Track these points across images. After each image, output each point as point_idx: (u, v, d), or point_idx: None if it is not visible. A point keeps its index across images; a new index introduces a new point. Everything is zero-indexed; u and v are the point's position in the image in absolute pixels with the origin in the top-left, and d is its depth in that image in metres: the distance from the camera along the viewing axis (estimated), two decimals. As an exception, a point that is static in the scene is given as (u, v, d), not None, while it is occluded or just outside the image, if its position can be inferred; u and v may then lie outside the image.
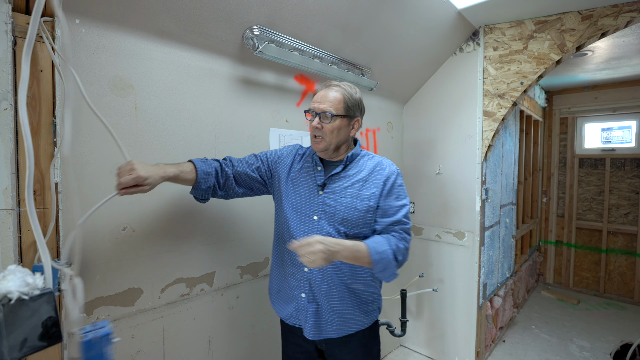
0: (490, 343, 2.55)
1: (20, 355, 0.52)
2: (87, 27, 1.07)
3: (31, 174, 0.57)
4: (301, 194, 1.20)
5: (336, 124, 1.14)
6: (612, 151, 3.63)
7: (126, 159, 0.98)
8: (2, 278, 0.52)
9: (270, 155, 1.31)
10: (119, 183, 0.95)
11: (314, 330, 1.17)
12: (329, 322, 1.17)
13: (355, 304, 1.19)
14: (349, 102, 1.16)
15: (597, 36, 1.82)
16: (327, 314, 1.17)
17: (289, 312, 1.21)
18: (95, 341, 0.81)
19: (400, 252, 1.12)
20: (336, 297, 1.16)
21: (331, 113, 1.13)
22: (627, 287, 3.58)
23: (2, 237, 0.93)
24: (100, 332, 0.83)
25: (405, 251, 1.14)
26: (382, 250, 1.08)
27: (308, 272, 1.17)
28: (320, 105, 1.14)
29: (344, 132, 1.18)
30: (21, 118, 0.55)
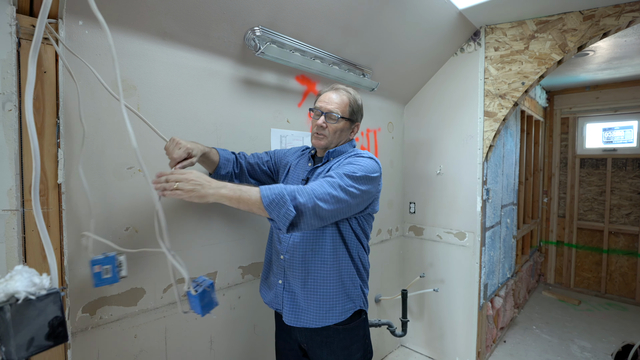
0: (491, 343, 2.56)
1: (27, 354, 0.52)
2: (91, 28, 1.08)
3: (37, 175, 0.58)
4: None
5: (340, 125, 1.23)
6: (614, 151, 3.63)
7: (165, 140, 1.03)
8: (9, 278, 0.53)
9: (278, 153, 1.43)
10: (172, 158, 1.03)
11: (291, 316, 1.21)
12: (306, 310, 1.19)
13: (331, 293, 1.19)
14: (354, 106, 1.25)
15: (599, 36, 1.82)
16: (303, 301, 1.20)
17: (270, 298, 1.30)
18: (207, 290, 1.00)
19: (301, 193, 0.97)
20: (309, 284, 1.19)
21: (338, 114, 1.21)
22: (628, 288, 3.57)
23: (7, 238, 0.94)
24: (206, 283, 1.01)
25: (311, 195, 0.98)
26: (275, 187, 0.97)
27: (282, 260, 1.24)
28: (328, 106, 1.22)
29: (345, 134, 1.27)
30: (28, 120, 0.55)
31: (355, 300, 1.23)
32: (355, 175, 1.08)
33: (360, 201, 1.11)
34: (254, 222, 1.56)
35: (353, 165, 1.12)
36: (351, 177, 1.07)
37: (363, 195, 1.11)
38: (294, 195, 0.97)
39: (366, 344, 1.28)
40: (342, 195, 1.04)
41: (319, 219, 1.01)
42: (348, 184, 1.06)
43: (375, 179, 1.15)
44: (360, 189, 1.08)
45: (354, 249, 1.23)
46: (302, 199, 0.97)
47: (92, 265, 1.01)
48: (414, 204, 2.53)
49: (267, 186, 0.98)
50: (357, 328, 1.24)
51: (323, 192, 1.00)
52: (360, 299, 1.25)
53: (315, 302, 1.19)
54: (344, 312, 1.21)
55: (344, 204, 1.05)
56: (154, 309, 1.24)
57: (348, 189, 1.05)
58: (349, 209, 1.09)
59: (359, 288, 1.24)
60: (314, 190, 1.00)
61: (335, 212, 1.04)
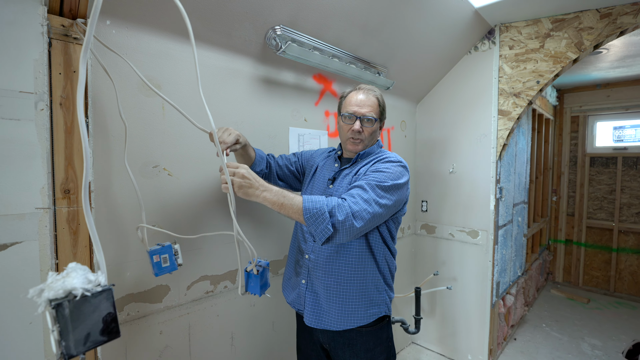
0: (502, 341, 2.57)
1: (84, 349, 0.54)
2: (118, 28, 1.09)
3: (88, 174, 0.59)
4: (316, 186, 1.30)
5: (375, 127, 1.24)
6: (624, 150, 3.61)
7: (206, 132, 1.06)
8: (65, 275, 0.54)
9: (305, 154, 1.44)
10: (224, 142, 1.08)
11: (312, 317, 1.21)
12: (327, 311, 1.18)
13: (354, 296, 1.17)
14: (382, 105, 1.26)
15: (616, 34, 1.81)
16: (325, 303, 1.19)
17: (292, 298, 1.30)
18: (266, 269, 1.12)
19: (340, 210, 0.98)
20: (332, 286, 1.18)
21: (374, 117, 1.22)
22: (638, 287, 3.57)
23: (40, 235, 0.95)
24: (263, 263, 1.12)
25: (348, 213, 0.98)
26: (317, 200, 0.99)
27: (307, 260, 1.23)
28: (361, 110, 1.21)
29: (377, 134, 1.28)
30: (79, 119, 0.57)
31: (380, 305, 1.21)
32: (385, 185, 1.07)
33: (392, 211, 1.12)
34: (272, 220, 1.57)
35: (382, 173, 1.10)
36: (382, 188, 1.07)
37: (395, 205, 1.11)
38: (334, 212, 0.99)
39: (389, 346, 1.26)
40: (377, 209, 1.04)
41: (353, 235, 1.03)
42: (380, 196, 1.06)
43: (404, 185, 1.14)
44: (392, 199, 1.09)
45: (380, 253, 1.21)
46: (340, 217, 0.98)
47: (150, 255, 1.05)
48: (426, 203, 2.53)
49: (310, 197, 1.01)
50: (380, 330, 1.22)
51: (360, 209, 1.01)
52: (384, 304, 1.23)
53: (338, 305, 1.17)
54: (366, 316, 1.19)
55: (377, 217, 1.06)
56: (178, 306, 1.26)
57: (381, 202, 1.05)
58: (380, 219, 1.09)
59: (383, 293, 1.22)
60: (352, 207, 1.00)
61: (368, 226, 1.05)
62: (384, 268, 1.22)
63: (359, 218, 1.00)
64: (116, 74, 1.09)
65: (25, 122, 0.92)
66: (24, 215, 0.92)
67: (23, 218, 0.92)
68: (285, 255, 1.64)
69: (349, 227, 0.99)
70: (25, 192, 0.91)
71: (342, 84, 1.88)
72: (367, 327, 1.20)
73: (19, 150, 0.90)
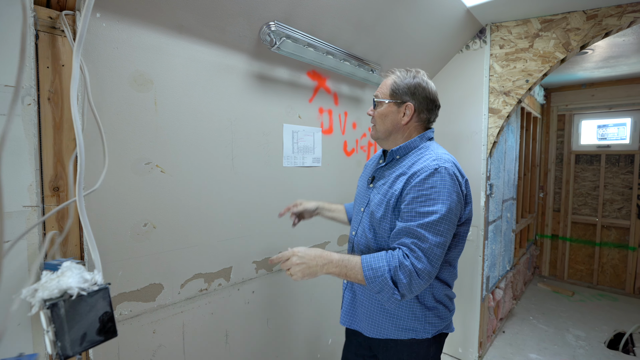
0: (491, 334, 2.62)
1: (81, 349, 0.53)
2: (108, 21, 1.06)
3: (82, 171, 0.57)
4: (360, 186, 1.25)
5: (382, 109, 1.11)
6: (608, 148, 3.72)
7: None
8: (60, 274, 0.53)
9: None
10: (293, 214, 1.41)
11: (346, 317, 1.18)
12: (360, 315, 1.14)
13: (385, 312, 1.08)
14: (396, 86, 1.08)
15: (601, 36, 1.85)
16: (360, 306, 1.13)
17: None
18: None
19: (403, 272, 0.91)
20: (366, 293, 1.12)
21: (377, 98, 1.12)
22: (619, 279, 3.69)
23: (28, 234, 0.93)
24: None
25: (412, 273, 0.91)
26: (378, 267, 0.93)
27: (350, 251, 1.20)
28: (375, 92, 1.14)
29: (392, 118, 1.10)
30: (74, 116, 0.55)
31: (416, 330, 1.06)
32: (431, 221, 0.93)
33: (448, 241, 0.97)
34: (266, 217, 1.56)
35: (425, 206, 0.94)
36: (428, 226, 0.93)
37: (448, 237, 0.97)
38: (397, 276, 0.92)
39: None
40: (438, 253, 0.94)
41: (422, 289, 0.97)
42: (438, 234, 0.93)
43: (454, 207, 0.96)
44: (443, 232, 0.94)
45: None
46: (404, 281, 0.91)
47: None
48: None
49: (369, 261, 0.96)
50: (418, 345, 1.08)
51: (423, 268, 0.92)
52: (423, 330, 1.06)
53: (368, 313, 1.10)
54: (397, 333, 1.08)
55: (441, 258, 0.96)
56: (171, 305, 1.24)
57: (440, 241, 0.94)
58: (441, 256, 0.96)
59: (422, 319, 1.06)
60: (415, 266, 0.91)
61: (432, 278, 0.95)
62: (423, 295, 1.06)
63: (424, 276, 0.92)
64: (106, 68, 1.06)
65: (12, 117, 0.89)
66: (10, 213, 0.89)
67: (10, 217, 0.88)
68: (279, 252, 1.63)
69: (417, 288, 0.93)
70: (11, 190, 0.88)
71: (336, 81, 1.88)
72: (406, 341, 1.08)
73: (5, 147, 0.86)
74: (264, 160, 1.53)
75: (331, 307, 1.96)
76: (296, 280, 0.99)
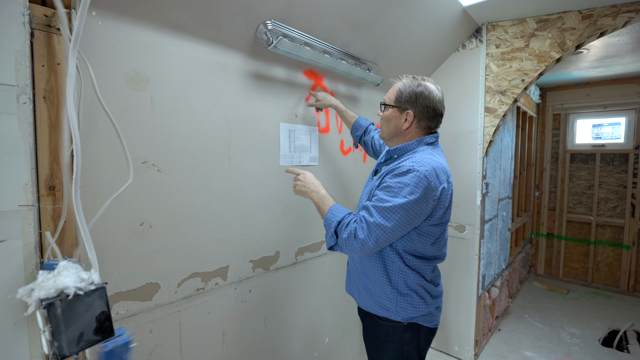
0: (487, 332, 2.64)
1: (78, 349, 0.52)
2: (104, 19, 1.06)
3: (78, 170, 0.57)
4: (369, 177, 1.37)
5: (387, 113, 1.24)
6: (602, 147, 3.75)
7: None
8: (57, 274, 0.53)
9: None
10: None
11: (347, 284, 1.38)
12: (353, 284, 1.32)
13: (366, 287, 1.24)
14: (400, 93, 1.20)
15: (596, 35, 1.87)
16: (353, 277, 1.32)
17: None
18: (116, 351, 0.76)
19: (347, 231, 1.08)
20: (356, 267, 1.28)
21: (384, 102, 1.26)
22: (613, 277, 3.73)
23: (24, 234, 0.92)
24: (119, 340, 0.76)
25: (351, 236, 1.07)
26: (336, 214, 1.14)
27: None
28: (384, 96, 1.28)
29: (395, 123, 1.22)
30: (70, 114, 0.55)
31: (388, 309, 1.18)
32: (384, 207, 1.05)
33: (404, 229, 1.07)
34: (263, 216, 1.56)
35: (386, 192, 1.07)
36: (384, 209, 1.05)
37: (404, 224, 1.06)
38: (341, 229, 1.11)
39: (402, 352, 1.20)
40: (379, 234, 1.05)
41: (356, 254, 1.11)
42: (386, 218, 1.05)
43: (413, 204, 1.04)
44: (396, 219, 1.04)
45: (391, 264, 1.17)
46: (343, 235, 1.10)
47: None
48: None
49: (336, 208, 1.16)
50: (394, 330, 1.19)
51: (364, 238, 1.06)
52: (393, 313, 1.17)
53: (356, 282, 1.29)
54: (374, 307, 1.22)
55: (383, 240, 1.06)
56: (168, 304, 1.24)
57: (385, 225, 1.05)
58: (389, 239, 1.07)
59: (393, 302, 1.17)
60: (357, 233, 1.07)
61: (374, 249, 1.09)
62: (396, 280, 1.16)
63: (359, 243, 1.07)
64: (102, 66, 1.05)
65: (7, 115, 0.88)
66: (6, 213, 0.88)
67: (5, 216, 0.88)
68: (276, 252, 1.64)
69: (349, 249, 1.10)
70: (7, 189, 0.88)
71: (333, 80, 1.88)
72: (382, 319, 1.21)
73: (0, 145, 0.86)
74: (261, 159, 1.53)
75: (328, 307, 1.97)
76: (294, 192, 1.29)
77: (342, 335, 2.08)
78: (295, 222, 1.73)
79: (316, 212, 1.85)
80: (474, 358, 2.35)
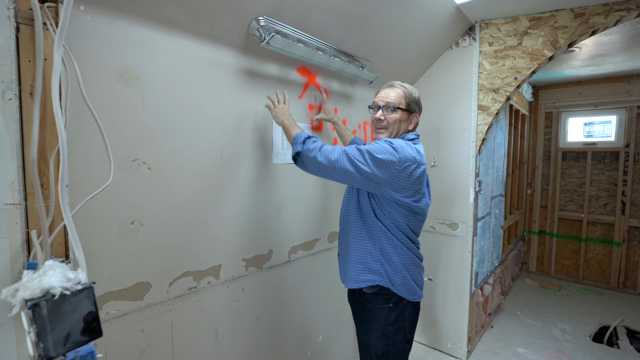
0: (480, 329, 2.66)
1: (64, 350, 0.51)
2: (92, 14, 1.04)
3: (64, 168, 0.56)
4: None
5: (398, 116, 1.35)
6: (593, 145, 3.79)
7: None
8: (42, 274, 0.52)
9: None
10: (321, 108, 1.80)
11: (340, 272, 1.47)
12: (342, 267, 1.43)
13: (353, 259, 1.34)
14: (409, 98, 1.37)
15: (588, 34, 1.88)
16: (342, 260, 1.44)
17: None
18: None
19: (313, 143, 1.23)
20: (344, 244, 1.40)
21: (394, 105, 1.34)
22: (604, 274, 3.78)
23: (10, 233, 0.90)
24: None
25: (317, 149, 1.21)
26: (306, 133, 1.29)
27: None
28: (385, 99, 1.36)
29: (404, 124, 1.38)
30: (55, 110, 0.53)
31: (374, 273, 1.30)
32: (372, 155, 1.17)
33: (371, 180, 1.19)
34: (255, 214, 1.55)
35: (383, 147, 1.20)
36: (362, 153, 1.18)
37: (374, 176, 1.18)
38: (308, 140, 1.25)
39: (387, 333, 1.32)
40: (347, 165, 1.18)
41: (316, 168, 1.22)
42: (363, 159, 1.18)
43: (389, 164, 1.18)
44: (370, 166, 1.18)
45: (372, 224, 1.31)
46: (310, 146, 1.23)
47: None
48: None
49: (305, 132, 1.30)
50: (380, 311, 1.32)
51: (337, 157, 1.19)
52: (379, 275, 1.30)
53: (344, 262, 1.39)
54: (357, 281, 1.32)
55: (346, 173, 1.19)
56: (160, 303, 1.23)
57: (357, 162, 1.18)
58: (353, 180, 1.20)
59: (378, 264, 1.30)
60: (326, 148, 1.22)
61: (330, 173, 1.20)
62: (379, 240, 1.30)
63: (324, 158, 1.19)
64: (91, 62, 1.03)
65: (-7, 112, 0.86)
66: (-8, 211, 0.86)
67: (-9, 215, 0.86)
68: (269, 250, 1.63)
69: (311, 160, 1.21)
70: (-8, 187, 0.86)
71: (326, 77, 1.87)
72: (369, 303, 1.33)
73: (-14, 143, 0.84)
74: (254, 157, 1.52)
75: (321, 305, 1.96)
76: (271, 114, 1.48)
77: (336, 333, 2.08)
78: (289, 220, 1.72)
79: (310, 210, 1.84)
80: (466, 355, 2.37)
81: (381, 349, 1.32)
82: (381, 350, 1.32)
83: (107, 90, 1.07)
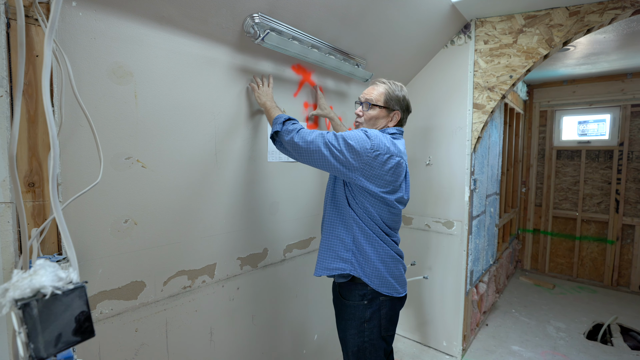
0: (475, 327, 2.68)
1: (56, 351, 0.51)
2: (85, 10, 1.02)
3: (56, 166, 0.55)
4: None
5: (375, 112, 1.37)
6: (588, 143, 3.82)
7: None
8: (33, 273, 0.51)
9: None
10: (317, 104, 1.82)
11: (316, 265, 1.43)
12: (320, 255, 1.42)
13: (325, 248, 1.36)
14: (389, 95, 1.37)
15: (583, 32, 1.89)
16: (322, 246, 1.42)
17: None
18: None
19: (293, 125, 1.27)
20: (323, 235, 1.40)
21: (371, 102, 1.36)
22: (597, 272, 3.81)
23: (2, 232, 0.89)
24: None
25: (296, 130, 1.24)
26: (284, 114, 1.32)
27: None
28: (365, 96, 1.39)
29: (382, 122, 1.39)
30: (46, 106, 0.53)
31: (345, 262, 1.32)
32: (345, 140, 1.21)
33: (339, 163, 1.21)
34: (250, 213, 1.55)
35: (357, 134, 1.23)
36: (337, 138, 1.22)
37: (343, 161, 1.21)
38: (288, 121, 1.27)
39: (362, 330, 1.33)
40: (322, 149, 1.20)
41: (292, 149, 1.24)
42: (335, 144, 1.21)
43: (361, 151, 1.20)
44: (344, 152, 1.20)
45: (345, 213, 1.33)
46: (290, 127, 1.25)
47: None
48: (404, 194, 2.58)
49: (286, 115, 1.31)
50: (355, 309, 1.33)
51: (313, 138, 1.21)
52: (349, 263, 1.31)
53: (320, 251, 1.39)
54: (328, 269, 1.34)
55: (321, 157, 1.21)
56: (154, 302, 1.22)
57: (332, 146, 1.20)
58: (326, 164, 1.22)
59: (349, 253, 1.32)
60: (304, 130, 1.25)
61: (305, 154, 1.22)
62: (352, 229, 1.32)
63: (301, 139, 1.22)
64: (84, 59, 1.02)
65: (-18, 110, 0.85)
66: (-17, 210, 0.85)
67: (-18, 213, 0.85)
68: (264, 249, 1.63)
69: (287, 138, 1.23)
70: (-17, 186, 0.85)
71: (322, 75, 1.87)
72: (346, 299, 1.35)
73: (-24, 141, 0.83)
74: (248, 155, 1.51)
75: (316, 304, 1.96)
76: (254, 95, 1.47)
77: (331, 332, 2.08)
78: (284, 218, 1.72)
79: (306, 208, 1.84)
80: (462, 353, 2.38)
81: (356, 345, 1.34)
82: (356, 347, 1.34)
83: (100, 87, 1.06)
